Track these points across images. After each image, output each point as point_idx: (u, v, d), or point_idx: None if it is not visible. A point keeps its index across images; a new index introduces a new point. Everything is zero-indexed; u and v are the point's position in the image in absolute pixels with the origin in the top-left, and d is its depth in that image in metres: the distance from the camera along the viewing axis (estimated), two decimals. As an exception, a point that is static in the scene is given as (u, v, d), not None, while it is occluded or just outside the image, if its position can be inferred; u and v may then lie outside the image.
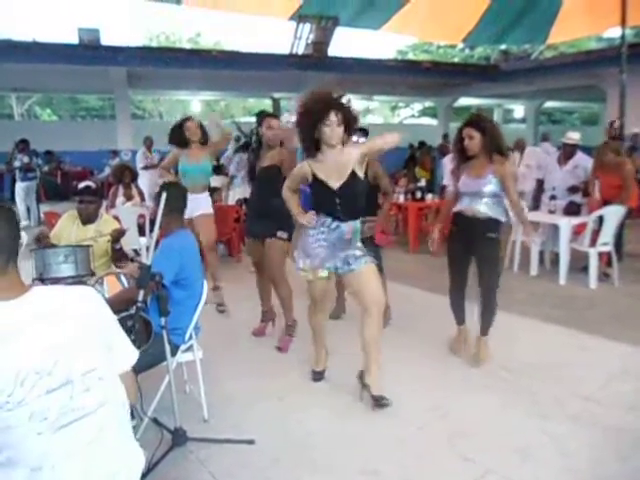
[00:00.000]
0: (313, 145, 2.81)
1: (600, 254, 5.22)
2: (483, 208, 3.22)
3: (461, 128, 3.26)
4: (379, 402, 2.77)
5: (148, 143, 9.56)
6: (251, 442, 2.52)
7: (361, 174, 2.82)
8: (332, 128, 2.71)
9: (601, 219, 5.08)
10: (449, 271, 3.50)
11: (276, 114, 3.79)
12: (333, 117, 2.70)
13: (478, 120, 3.23)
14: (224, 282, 4.51)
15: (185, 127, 4.36)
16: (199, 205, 4.37)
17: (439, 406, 2.85)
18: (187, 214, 4.30)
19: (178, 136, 4.41)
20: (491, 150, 3.20)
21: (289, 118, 4.34)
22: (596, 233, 5.09)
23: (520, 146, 7.35)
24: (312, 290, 3.02)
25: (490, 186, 3.19)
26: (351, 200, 2.83)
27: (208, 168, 4.55)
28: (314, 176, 2.85)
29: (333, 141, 2.74)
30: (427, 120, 19.92)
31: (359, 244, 2.92)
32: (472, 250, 3.31)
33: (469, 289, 3.45)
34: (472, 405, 2.87)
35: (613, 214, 5.10)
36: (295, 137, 3.34)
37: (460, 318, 3.56)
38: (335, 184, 2.79)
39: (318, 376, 3.20)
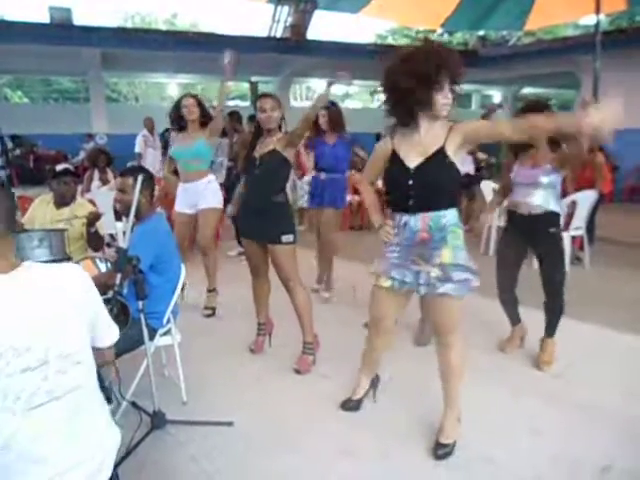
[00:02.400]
0: (408, 114, 2.20)
1: (573, 238, 5.36)
2: (538, 200, 3.02)
3: None
4: (437, 451, 2.34)
5: (149, 124, 8.46)
6: (230, 424, 2.55)
7: (454, 158, 2.17)
8: (444, 95, 2.13)
9: (574, 204, 5.20)
10: (498, 272, 3.29)
11: (271, 94, 3.21)
12: (446, 82, 2.11)
13: (531, 104, 2.98)
14: (199, 269, 4.31)
15: (182, 105, 3.96)
16: (197, 196, 4.00)
17: (413, 386, 2.91)
18: (189, 208, 4.06)
19: (176, 117, 4.02)
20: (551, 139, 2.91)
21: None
22: (569, 218, 5.22)
23: None
24: (371, 301, 2.48)
25: (547, 177, 2.99)
26: (429, 186, 2.19)
27: (203, 151, 3.98)
28: (393, 153, 2.28)
29: (445, 112, 2.17)
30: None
31: (453, 256, 2.19)
32: (533, 249, 3.15)
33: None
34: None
35: (586, 199, 5.23)
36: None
37: (514, 319, 3.41)
38: (412, 163, 2.20)
39: (350, 404, 2.71)
